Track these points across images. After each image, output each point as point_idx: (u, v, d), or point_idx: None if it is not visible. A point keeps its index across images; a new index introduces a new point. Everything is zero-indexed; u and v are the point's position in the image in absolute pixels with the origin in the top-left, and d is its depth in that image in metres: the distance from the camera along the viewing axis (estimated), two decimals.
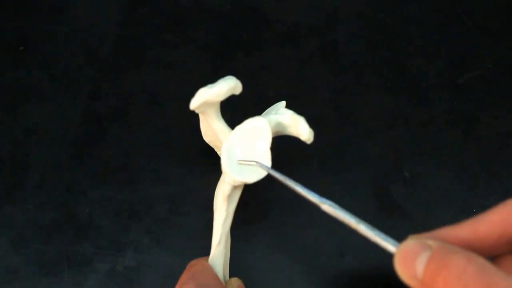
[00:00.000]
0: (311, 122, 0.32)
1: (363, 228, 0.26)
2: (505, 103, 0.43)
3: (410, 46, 0.46)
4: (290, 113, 0.32)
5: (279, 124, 0.32)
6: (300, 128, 0.32)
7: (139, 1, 0.47)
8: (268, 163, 0.32)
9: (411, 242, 0.23)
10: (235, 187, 0.32)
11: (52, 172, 0.40)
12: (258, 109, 0.37)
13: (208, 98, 0.30)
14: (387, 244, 0.25)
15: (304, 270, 0.37)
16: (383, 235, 0.25)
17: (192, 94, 0.31)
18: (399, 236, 0.27)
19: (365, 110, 0.43)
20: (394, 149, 0.41)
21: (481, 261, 0.21)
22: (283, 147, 0.33)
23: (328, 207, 0.28)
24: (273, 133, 0.32)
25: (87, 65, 0.44)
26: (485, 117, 0.42)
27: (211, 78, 0.33)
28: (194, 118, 0.35)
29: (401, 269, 0.23)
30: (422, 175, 0.40)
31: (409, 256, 0.23)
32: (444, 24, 0.47)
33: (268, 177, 0.31)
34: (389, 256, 0.26)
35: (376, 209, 0.39)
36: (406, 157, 0.41)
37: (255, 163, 0.31)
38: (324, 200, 0.28)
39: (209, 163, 0.40)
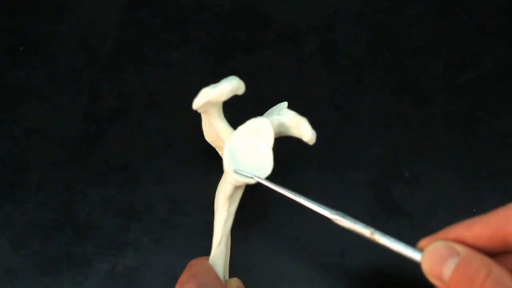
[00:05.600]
0: (311, 122, 0.32)
1: (378, 237, 0.27)
2: (505, 103, 0.43)
3: (410, 46, 0.46)
4: (292, 114, 0.32)
5: (281, 125, 0.32)
6: (303, 129, 0.32)
7: (139, 1, 0.47)
8: (270, 163, 0.32)
9: (440, 245, 0.25)
10: (236, 187, 0.32)
11: (52, 172, 0.40)
12: (258, 109, 0.37)
13: (211, 97, 0.30)
14: (406, 251, 0.26)
15: (304, 270, 0.37)
16: (402, 244, 0.27)
17: (192, 94, 0.31)
18: (399, 236, 0.27)
19: (365, 110, 0.43)
20: (394, 149, 0.41)
21: (502, 272, 0.23)
22: (283, 147, 0.33)
23: (339, 218, 0.29)
24: (275, 134, 0.32)
25: (87, 65, 0.44)
26: (485, 117, 0.42)
27: (211, 78, 0.33)
28: (194, 118, 0.35)
29: (428, 269, 0.25)
30: (422, 175, 0.40)
31: (438, 259, 0.25)
32: (444, 24, 0.47)
33: (269, 178, 0.32)
34: (389, 257, 0.26)
35: (376, 209, 0.39)
36: (406, 157, 0.41)
37: (252, 176, 0.31)
38: (330, 210, 0.29)
39: (209, 163, 0.40)
